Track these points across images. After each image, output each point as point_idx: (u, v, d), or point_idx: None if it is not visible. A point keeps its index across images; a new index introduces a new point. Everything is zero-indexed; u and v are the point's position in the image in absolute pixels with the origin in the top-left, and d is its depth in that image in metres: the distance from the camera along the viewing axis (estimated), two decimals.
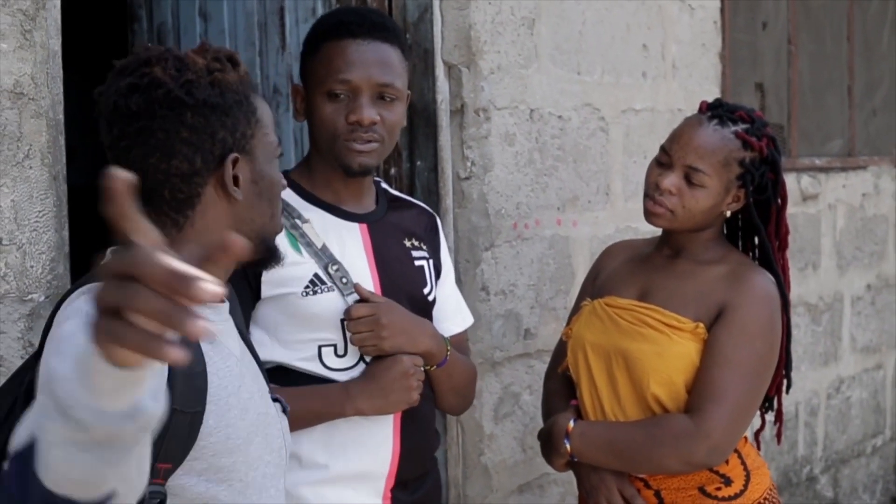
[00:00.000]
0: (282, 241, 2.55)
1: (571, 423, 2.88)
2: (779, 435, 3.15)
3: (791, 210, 5.30)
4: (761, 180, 2.86)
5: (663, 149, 2.88)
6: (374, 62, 2.60)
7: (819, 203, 5.64)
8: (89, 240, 5.94)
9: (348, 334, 2.58)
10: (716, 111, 2.86)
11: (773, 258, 2.93)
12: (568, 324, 3.09)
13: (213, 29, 4.06)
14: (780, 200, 2.94)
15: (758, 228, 2.93)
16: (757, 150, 2.84)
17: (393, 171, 3.72)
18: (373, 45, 2.61)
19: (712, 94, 4.73)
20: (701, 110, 2.90)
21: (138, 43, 4.31)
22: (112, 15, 5.52)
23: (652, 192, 2.86)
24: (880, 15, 6.29)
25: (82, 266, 3.39)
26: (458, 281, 3.72)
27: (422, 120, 3.74)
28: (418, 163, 3.75)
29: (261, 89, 3.89)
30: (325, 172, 2.65)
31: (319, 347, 2.58)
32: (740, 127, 2.83)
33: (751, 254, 3.00)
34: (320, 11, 3.60)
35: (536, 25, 3.95)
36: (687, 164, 2.81)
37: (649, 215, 2.87)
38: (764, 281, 2.84)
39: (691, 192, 2.82)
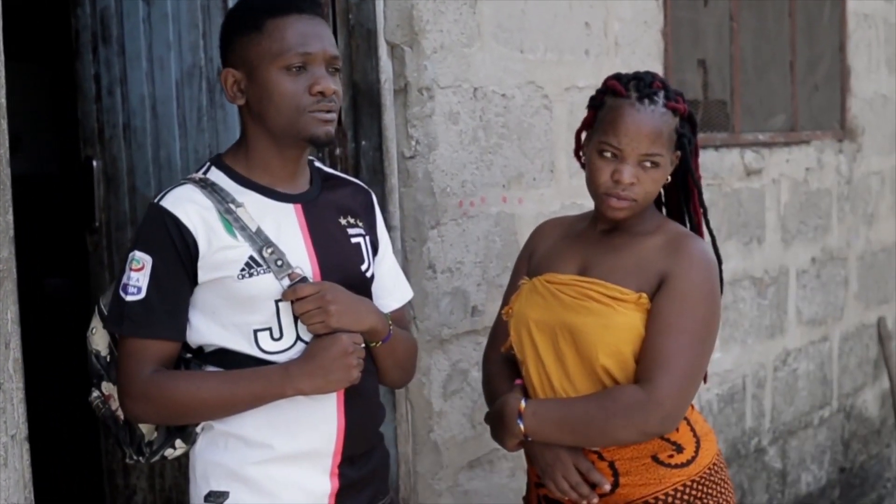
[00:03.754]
0: (216, 225, 2.57)
1: (523, 403, 2.89)
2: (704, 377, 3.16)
3: (735, 185, 5.40)
4: (688, 137, 2.93)
5: (607, 143, 2.88)
6: (324, 35, 2.65)
7: (763, 178, 5.69)
8: (33, 227, 5.89)
9: (291, 313, 2.60)
10: (640, 91, 2.88)
11: (706, 217, 3.02)
12: (506, 303, 3.11)
13: (156, 12, 4.05)
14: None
15: (696, 188, 3.01)
16: (682, 112, 2.90)
17: (338, 151, 3.73)
18: (315, 20, 2.65)
19: (655, 71, 4.76)
20: (620, 94, 2.90)
21: (82, 28, 4.30)
22: (55, 1, 5.49)
23: (613, 190, 2.87)
24: None
25: (26, 252, 3.40)
26: (405, 259, 3.75)
27: (366, 100, 3.76)
28: (363, 142, 3.76)
29: (205, 72, 3.89)
30: (264, 153, 2.66)
31: (255, 332, 2.60)
32: (663, 97, 2.88)
33: (663, 210, 3.08)
34: None
35: (479, 4, 3.96)
36: (642, 153, 2.85)
37: (615, 211, 2.89)
38: (702, 247, 2.90)
39: (648, 175, 2.87)
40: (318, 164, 2.85)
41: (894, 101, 7.02)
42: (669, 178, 2.96)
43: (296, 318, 2.60)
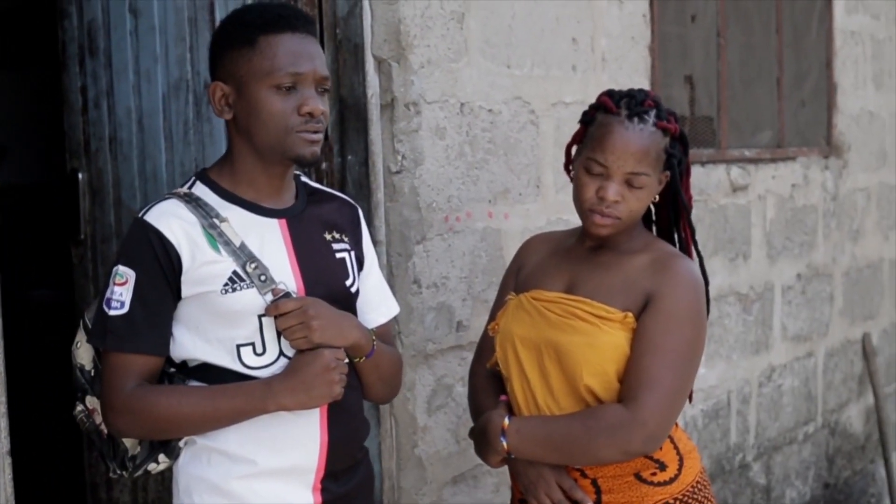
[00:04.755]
0: (200, 240, 2.57)
1: (506, 420, 2.89)
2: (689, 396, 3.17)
3: (721, 201, 5.41)
4: (679, 157, 2.93)
5: (594, 160, 2.88)
6: (316, 55, 2.65)
7: (749, 194, 5.69)
8: (20, 238, 5.87)
9: (275, 328, 2.59)
10: (630, 109, 2.88)
11: (694, 237, 3.01)
12: (492, 319, 3.10)
13: (144, 25, 4.05)
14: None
15: (684, 208, 3.01)
16: (672, 132, 2.89)
17: (324, 165, 3.73)
18: (308, 39, 2.66)
19: (642, 86, 4.76)
20: (611, 111, 2.90)
21: (69, 40, 4.30)
22: (42, 12, 5.48)
23: (597, 207, 2.87)
24: (808, 7, 6.35)
25: (12, 263, 3.40)
26: (391, 274, 3.74)
27: (352, 114, 3.75)
28: (349, 157, 3.76)
29: (192, 85, 3.89)
30: (249, 168, 2.66)
31: (238, 347, 2.60)
32: (654, 116, 2.87)
33: (652, 227, 3.08)
34: None
35: (466, 19, 3.97)
36: (628, 171, 2.84)
37: (598, 228, 2.89)
38: (689, 267, 2.89)
39: (634, 195, 2.87)
40: (304, 178, 2.85)
41: (880, 117, 7.03)
42: (657, 197, 2.96)
43: (279, 334, 2.60)
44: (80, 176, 4.30)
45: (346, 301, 2.74)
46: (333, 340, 2.62)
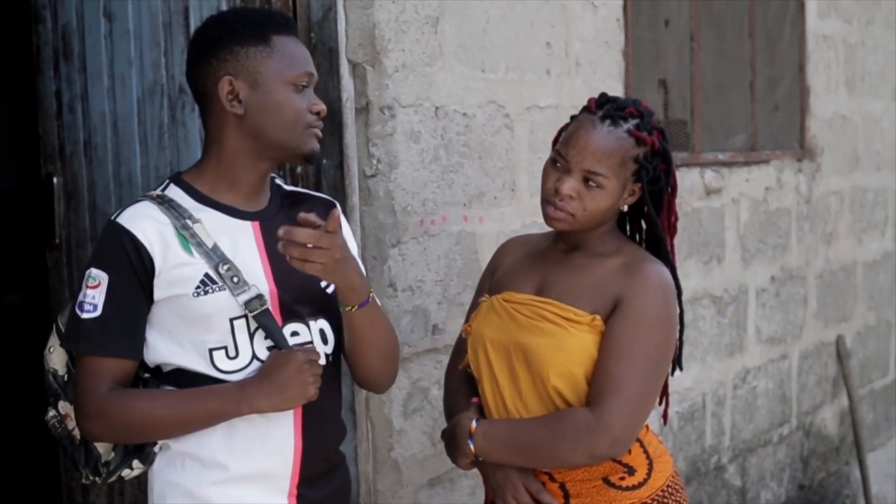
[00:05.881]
0: (172, 241, 2.57)
1: (474, 423, 2.90)
2: (665, 416, 3.20)
3: (695, 204, 5.43)
4: (655, 173, 2.92)
5: (559, 153, 2.91)
6: (310, 56, 2.73)
7: (723, 197, 5.72)
8: None
9: (246, 331, 2.60)
10: (607, 111, 2.90)
11: (668, 249, 3.00)
12: (467, 321, 3.11)
13: (118, 29, 4.05)
14: (670, 189, 3.01)
15: (654, 223, 3.00)
16: (649, 145, 2.89)
17: (299, 169, 3.73)
18: (300, 43, 2.72)
19: (615, 90, 4.78)
20: (590, 109, 2.93)
21: (43, 44, 4.29)
22: (16, 16, 5.47)
23: (552, 198, 2.89)
24: (781, 11, 6.38)
25: None
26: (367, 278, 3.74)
27: (327, 118, 3.75)
28: (324, 161, 3.76)
29: (166, 89, 3.89)
30: (239, 166, 2.66)
31: (210, 351, 2.59)
32: (631, 124, 2.88)
33: (637, 236, 3.07)
34: None
35: (440, 23, 3.98)
36: (585, 168, 2.85)
37: (551, 220, 2.91)
38: (659, 271, 2.89)
39: (590, 194, 2.87)
40: (278, 181, 2.86)
41: (853, 121, 7.07)
42: (626, 207, 2.96)
43: (251, 337, 2.60)
44: (55, 180, 4.29)
45: (324, 301, 2.72)
46: (333, 277, 2.56)
